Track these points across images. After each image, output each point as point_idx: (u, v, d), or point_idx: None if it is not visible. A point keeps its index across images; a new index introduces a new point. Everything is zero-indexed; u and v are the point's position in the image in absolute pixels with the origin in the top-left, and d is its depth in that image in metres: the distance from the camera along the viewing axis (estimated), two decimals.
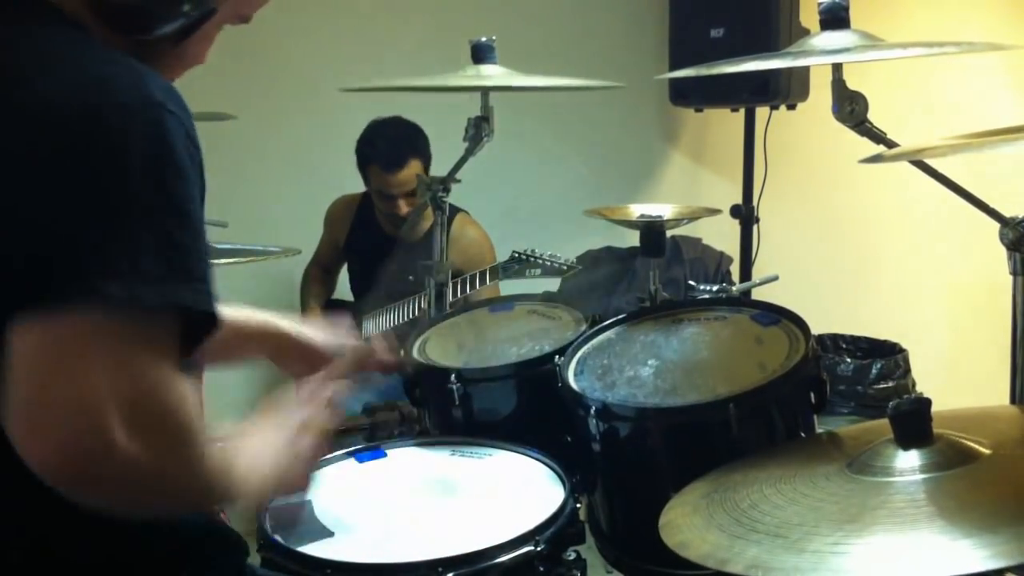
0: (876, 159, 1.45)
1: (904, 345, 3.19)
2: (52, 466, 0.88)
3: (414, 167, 3.02)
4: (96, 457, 0.88)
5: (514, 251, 2.77)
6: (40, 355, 0.88)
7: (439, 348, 2.00)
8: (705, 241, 3.56)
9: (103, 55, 0.98)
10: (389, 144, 3.04)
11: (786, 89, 3.14)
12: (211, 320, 0.96)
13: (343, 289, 3.43)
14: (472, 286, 2.82)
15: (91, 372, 0.88)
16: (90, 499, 0.93)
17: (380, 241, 3.15)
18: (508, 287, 2.85)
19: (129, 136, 0.91)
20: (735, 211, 3.30)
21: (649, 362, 1.71)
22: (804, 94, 3.24)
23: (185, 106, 0.97)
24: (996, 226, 1.50)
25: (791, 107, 3.25)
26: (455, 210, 3.15)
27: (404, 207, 3.06)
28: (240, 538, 1.22)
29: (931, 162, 1.52)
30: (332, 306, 3.36)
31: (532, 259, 2.71)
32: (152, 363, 0.91)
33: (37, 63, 0.95)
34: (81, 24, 1.01)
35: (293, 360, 1.47)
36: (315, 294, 3.34)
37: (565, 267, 2.70)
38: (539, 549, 1.40)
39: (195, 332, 0.96)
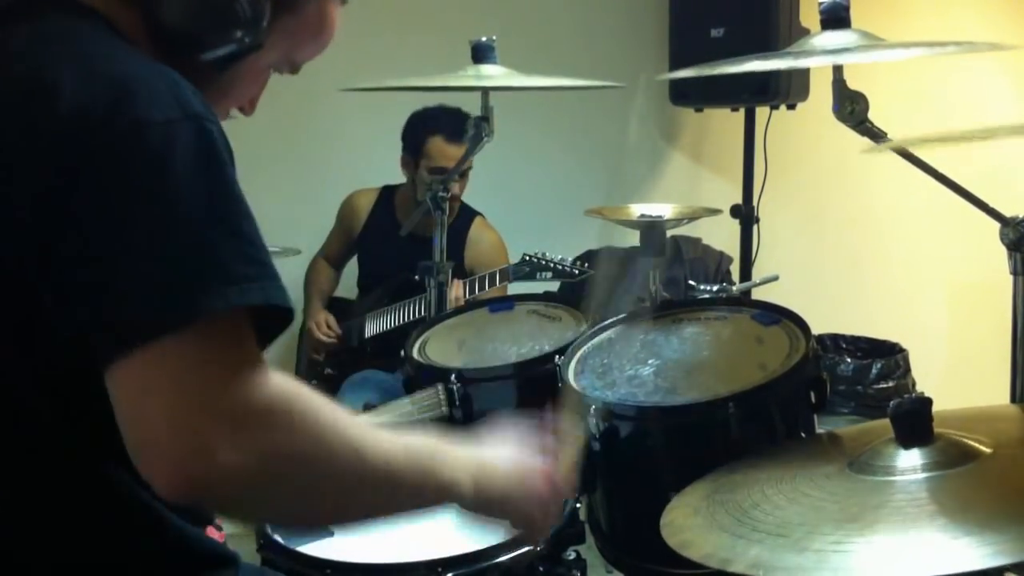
0: (877, 145, 1.45)
1: (904, 345, 3.19)
2: (176, 496, 0.88)
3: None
4: (207, 479, 0.87)
5: (525, 254, 2.77)
6: (135, 388, 0.87)
7: (439, 348, 2.00)
8: (705, 241, 3.56)
9: (142, 63, 0.96)
10: (453, 118, 2.96)
11: (786, 89, 3.14)
12: (288, 315, 0.95)
13: (346, 286, 3.41)
14: (481, 287, 2.81)
15: (185, 393, 0.86)
16: (228, 513, 0.93)
17: (395, 235, 3.14)
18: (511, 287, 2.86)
19: (174, 152, 0.89)
20: (735, 211, 3.30)
21: (649, 361, 1.71)
22: (804, 94, 3.24)
23: (211, 109, 0.97)
24: (996, 226, 1.50)
25: (791, 107, 3.25)
26: (473, 213, 3.15)
27: (457, 187, 3.00)
28: (231, 555, 1.17)
29: (931, 162, 1.52)
30: (334, 305, 3.36)
31: (543, 263, 2.71)
32: (240, 367, 0.89)
33: (73, 65, 0.93)
34: (130, 39, 1.01)
35: None
36: (320, 290, 3.31)
37: (576, 272, 2.70)
38: (539, 549, 1.40)
39: (271, 329, 0.95)
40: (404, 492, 1.01)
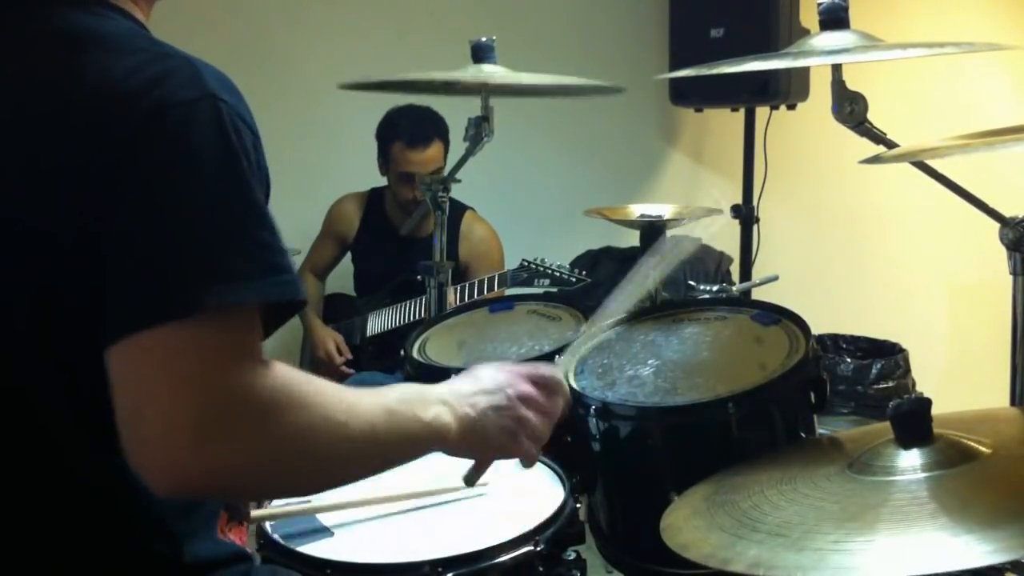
0: (876, 160, 1.45)
1: (904, 345, 3.19)
2: (166, 492, 0.89)
3: (437, 148, 3.02)
4: (199, 472, 0.88)
5: (524, 260, 2.77)
6: (130, 374, 0.88)
7: (439, 348, 2.00)
8: (705, 241, 3.56)
9: (163, 48, 0.98)
10: (414, 122, 3.04)
11: (786, 89, 3.14)
12: (299, 305, 0.96)
13: (347, 284, 3.41)
14: (480, 292, 2.81)
15: (181, 385, 0.87)
16: (221, 497, 1.01)
17: (389, 238, 3.14)
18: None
19: (191, 134, 0.91)
20: (735, 211, 3.30)
21: (649, 362, 1.71)
22: (804, 94, 3.24)
23: (235, 89, 0.98)
24: (996, 226, 1.50)
25: (791, 107, 3.25)
26: (463, 207, 3.16)
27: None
28: (242, 552, 1.18)
29: (931, 162, 1.52)
30: (335, 300, 3.35)
31: (542, 269, 2.71)
32: (238, 362, 0.90)
33: (99, 54, 0.95)
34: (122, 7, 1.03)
35: None
36: (314, 307, 3.30)
37: (574, 279, 2.70)
38: (539, 549, 1.40)
39: (279, 316, 0.97)
40: (392, 449, 1.05)
